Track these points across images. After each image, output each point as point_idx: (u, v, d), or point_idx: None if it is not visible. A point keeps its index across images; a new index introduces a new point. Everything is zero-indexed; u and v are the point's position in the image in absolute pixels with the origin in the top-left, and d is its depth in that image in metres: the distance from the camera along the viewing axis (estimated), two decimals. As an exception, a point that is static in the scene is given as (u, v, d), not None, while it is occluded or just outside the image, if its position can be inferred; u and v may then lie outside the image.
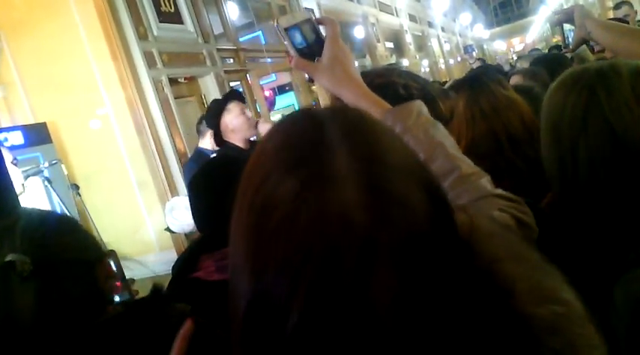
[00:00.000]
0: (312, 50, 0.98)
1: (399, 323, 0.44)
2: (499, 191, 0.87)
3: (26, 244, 0.93)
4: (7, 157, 3.04)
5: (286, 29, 0.98)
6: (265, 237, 0.46)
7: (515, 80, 2.84)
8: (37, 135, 5.25)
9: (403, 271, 0.45)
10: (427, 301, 0.46)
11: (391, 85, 1.07)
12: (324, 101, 8.05)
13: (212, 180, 1.46)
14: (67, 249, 0.99)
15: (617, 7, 4.66)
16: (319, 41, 0.98)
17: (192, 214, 1.51)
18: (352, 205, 0.44)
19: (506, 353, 0.48)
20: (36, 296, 0.89)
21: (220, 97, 6.55)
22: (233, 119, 3.13)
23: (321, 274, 0.43)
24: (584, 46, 1.69)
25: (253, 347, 0.48)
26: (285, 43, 1.00)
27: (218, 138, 3.18)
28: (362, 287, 0.43)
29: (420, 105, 0.92)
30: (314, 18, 1.00)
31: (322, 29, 1.01)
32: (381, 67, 1.22)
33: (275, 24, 1.00)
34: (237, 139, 3.15)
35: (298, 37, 0.99)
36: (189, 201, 1.53)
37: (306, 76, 1.05)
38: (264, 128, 3.22)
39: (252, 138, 3.21)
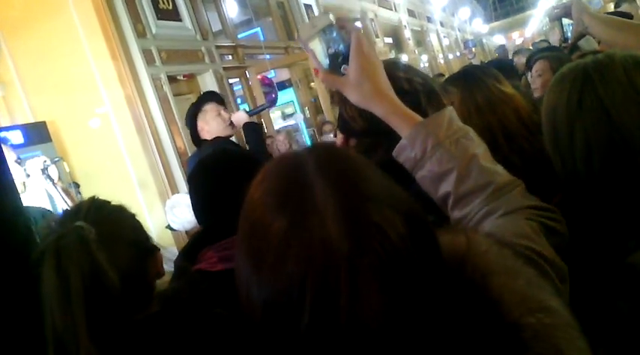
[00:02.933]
0: (337, 60, 0.93)
1: (389, 335, 0.49)
2: (533, 201, 0.87)
3: (91, 217, 1.00)
4: (11, 156, 3.04)
5: (308, 40, 0.94)
6: (267, 268, 0.52)
7: (541, 66, 2.82)
8: (37, 134, 5.25)
9: (387, 289, 0.50)
10: (414, 314, 0.51)
11: (395, 79, 1.06)
12: (323, 98, 8.04)
13: (211, 173, 1.48)
14: (126, 230, 1.06)
15: (617, 4, 4.64)
16: (345, 48, 0.93)
17: (192, 207, 1.52)
18: (333, 236, 0.50)
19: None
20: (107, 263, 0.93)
21: (221, 93, 6.59)
22: (209, 121, 3.17)
23: (319, 297, 0.49)
24: (587, 36, 1.69)
25: (276, 334, 0.53)
26: (310, 55, 0.95)
27: (194, 138, 3.23)
28: (353, 307, 0.49)
29: (450, 113, 0.92)
30: (335, 22, 0.94)
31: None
32: (383, 61, 1.22)
33: (297, 36, 0.96)
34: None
35: (323, 48, 0.93)
36: (189, 194, 1.54)
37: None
38: (238, 118, 3.22)
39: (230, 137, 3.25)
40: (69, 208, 1.08)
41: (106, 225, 1.00)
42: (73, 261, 0.89)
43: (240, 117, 3.25)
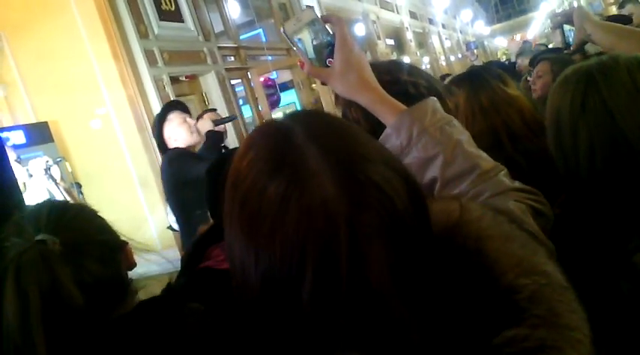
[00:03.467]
0: (322, 52, 0.95)
1: (393, 296, 0.49)
2: (517, 184, 0.90)
3: (52, 226, 0.95)
4: (11, 156, 3.05)
5: (293, 34, 0.95)
6: (263, 238, 0.51)
7: (542, 67, 2.82)
8: (39, 134, 5.27)
9: (390, 247, 0.49)
10: (416, 275, 0.51)
11: (400, 83, 1.07)
12: (325, 99, 8.04)
13: (224, 170, 1.48)
14: (92, 232, 1.01)
15: (621, 5, 4.65)
16: (330, 41, 0.95)
17: (207, 201, 1.54)
18: (330, 197, 0.49)
19: (494, 319, 0.53)
20: (72, 275, 0.89)
21: (222, 95, 6.58)
22: (175, 129, 3.19)
23: (321, 259, 0.48)
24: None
25: (270, 317, 0.53)
26: (295, 49, 0.97)
27: (161, 148, 3.26)
28: (357, 266, 0.48)
29: (434, 103, 0.93)
30: (319, 16, 0.96)
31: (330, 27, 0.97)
32: (386, 62, 1.21)
33: (282, 30, 0.97)
34: (182, 147, 3.21)
35: (307, 41, 0.95)
36: (205, 188, 1.55)
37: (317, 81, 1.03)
38: (202, 126, 3.24)
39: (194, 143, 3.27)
40: (26, 215, 1.01)
41: (70, 231, 0.96)
42: (33, 279, 0.85)
43: (205, 125, 3.27)
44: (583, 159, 1.02)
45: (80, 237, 0.98)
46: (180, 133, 3.18)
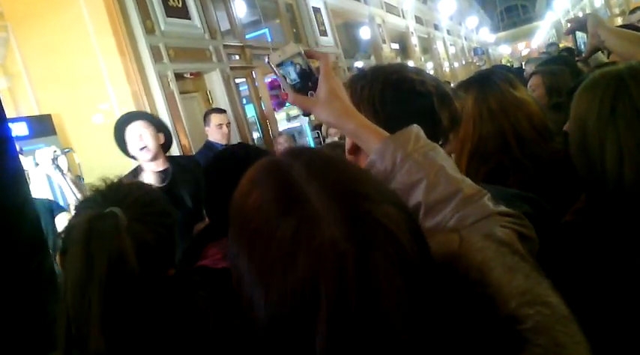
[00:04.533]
0: (305, 84, 0.99)
1: (407, 322, 0.49)
2: (501, 208, 0.89)
3: (119, 200, 1.02)
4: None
5: (278, 65, 0.99)
6: (274, 276, 0.51)
7: (534, 81, 2.82)
8: (42, 126, 5.25)
9: (400, 281, 0.50)
10: (425, 303, 0.51)
11: (408, 81, 1.06)
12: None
13: (227, 167, 1.47)
14: (152, 209, 1.07)
15: (632, 11, 4.65)
16: (311, 75, 0.99)
17: (204, 199, 1.53)
18: (338, 239, 0.50)
19: (497, 349, 0.53)
20: (135, 240, 0.95)
21: (226, 94, 6.57)
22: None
23: (334, 299, 0.49)
24: (599, 52, 1.68)
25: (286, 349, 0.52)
26: (278, 79, 1.01)
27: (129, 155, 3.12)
28: (369, 302, 0.49)
29: (417, 130, 0.94)
30: (303, 51, 1.00)
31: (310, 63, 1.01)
32: (393, 63, 1.21)
33: (266, 61, 1.01)
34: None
35: (291, 73, 0.99)
36: (204, 187, 1.54)
37: (299, 110, 1.07)
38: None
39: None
40: (93, 190, 1.09)
41: (134, 206, 1.03)
42: (104, 246, 0.90)
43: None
44: (610, 165, 0.99)
45: (143, 211, 1.03)
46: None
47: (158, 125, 3.10)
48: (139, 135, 3.00)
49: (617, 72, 1.02)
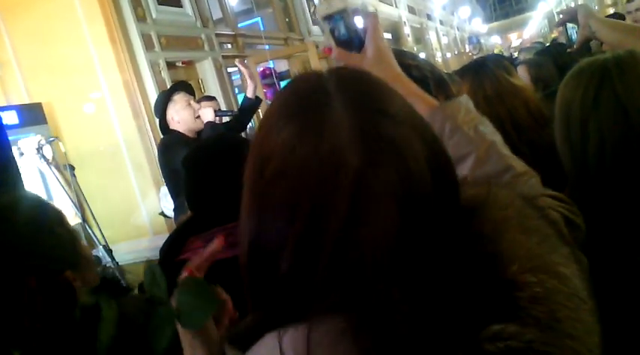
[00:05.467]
0: (349, 42, 0.95)
1: (390, 261, 0.46)
2: (550, 191, 0.84)
3: None
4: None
5: (325, 19, 0.96)
6: (264, 182, 0.50)
7: (520, 71, 2.83)
8: (32, 115, 5.20)
9: (398, 212, 0.46)
10: (421, 245, 0.48)
11: (404, 66, 1.05)
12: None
13: (207, 158, 1.44)
14: (21, 254, 0.94)
15: (630, 0, 4.65)
16: (356, 34, 0.95)
17: (185, 192, 1.50)
18: (345, 148, 0.47)
19: (489, 312, 0.48)
20: None
21: (218, 82, 6.54)
22: (179, 110, 3.11)
23: (315, 212, 0.46)
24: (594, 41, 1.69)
25: (259, 280, 0.52)
26: (325, 32, 0.98)
27: (162, 127, 3.18)
28: (353, 227, 0.45)
29: (467, 101, 0.90)
30: (350, 9, 0.96)
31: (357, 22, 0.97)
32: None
33: (313, 11, 0.98)
34: (182, 130, 3.13)
35: (337, 28, 0.95)
36: (183, 180, 1.51)
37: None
38: (204, 114, 3.17)
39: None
40: None
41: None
42: None
43: (207, 115, 3.18)
44: (592, 154, 1.00)
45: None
46: (183, 116, 3.11)
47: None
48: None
49: (602, 61, 1.03)
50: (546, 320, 0.48)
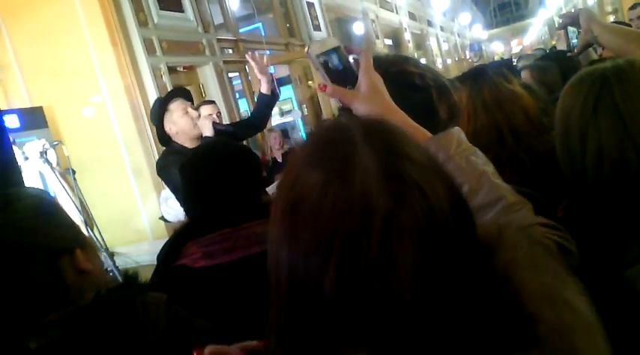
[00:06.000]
0: (342, 78, 0.96)
1: (416, 298, 0.49)
2: (542, 219, 0.86)
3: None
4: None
5: (318, 57, 0.97)
6: (298, 223, 0.51)
7: (524, 76, 2.84)
8: (33, 119, 5.22)
9: (423, 251, 0.49)
10: (444, 284, 0.50)
11: (407, 74, 1.06)
12: (322, 97, 8.03)
13: (205, 163, 1.45)
14: (27, 233, 0.97)
15: (632, 7, 4.67)
16: (350, 69, 0.97)
17: (182, 198, 1.50)
18: (373, 192, 0.49)
19: (510, 343, 0.52)
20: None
21: (219, 87, 6.55)
22: (176, 120, 2.93)
23: (347, 252, 0.48)
24: (589, 49, 1.68)
25: (298, 312, 0.53)
26: (317, 70, 0.98)
27: (161, 137, 3.01)
28: (383, 266, 0.48)
29: (459, 132, 0.92)
30: (343, 46, 0.98)
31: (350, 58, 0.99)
32: (391, 55, 1.21)
33: (307, 50, 0.99)
34: (182, 141, 2.95)
35: (331, 64, 0.97)
36: (181, 185, 1.51)
37: (335, 102, 1.05)
38: (203, 128, 2.99)
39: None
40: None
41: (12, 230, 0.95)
42: None
43: (206, 130, 2.99)
44: (590, 163, 0.99)
45: (8, 236, 0.95)
46: (181, 125, 2.94)
47: None
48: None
49: (602, 70, 1.02)
50: (566, 348, 0.51)
